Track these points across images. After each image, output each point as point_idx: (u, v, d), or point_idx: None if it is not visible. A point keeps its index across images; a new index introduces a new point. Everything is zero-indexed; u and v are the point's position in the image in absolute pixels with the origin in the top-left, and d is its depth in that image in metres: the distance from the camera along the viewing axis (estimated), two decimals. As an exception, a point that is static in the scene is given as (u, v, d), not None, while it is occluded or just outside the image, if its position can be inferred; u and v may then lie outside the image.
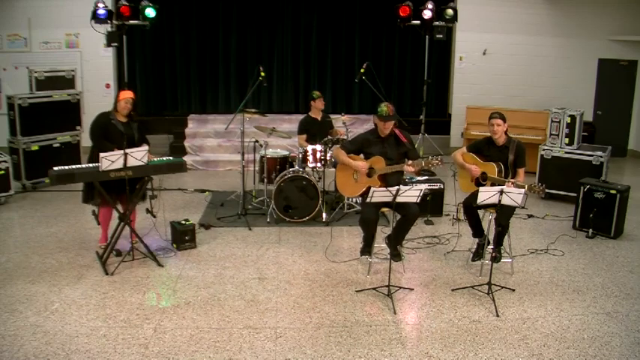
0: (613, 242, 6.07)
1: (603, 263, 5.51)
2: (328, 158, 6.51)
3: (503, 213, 4.78)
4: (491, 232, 5.11)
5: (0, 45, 9.55)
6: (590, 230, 6.19)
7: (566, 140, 7.48)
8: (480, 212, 5.26)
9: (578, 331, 4.19)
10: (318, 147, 6.49)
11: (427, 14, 9.05)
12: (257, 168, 6.98)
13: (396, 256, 5.08)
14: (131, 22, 8.43)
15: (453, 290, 4.82)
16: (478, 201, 4.52)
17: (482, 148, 5.25)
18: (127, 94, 5.29)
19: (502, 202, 4.50)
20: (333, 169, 6.92)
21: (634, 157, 10.64)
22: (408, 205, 4.76)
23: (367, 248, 5.23)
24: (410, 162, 5.00)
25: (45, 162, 7.09)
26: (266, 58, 10.41)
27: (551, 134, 7.60)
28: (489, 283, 4.68)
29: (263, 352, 3.85)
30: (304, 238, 6.01)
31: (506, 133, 5.16)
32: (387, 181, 5.06)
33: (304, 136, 7.02)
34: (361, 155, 5.23)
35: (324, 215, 6.52)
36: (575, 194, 6.53)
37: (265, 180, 6.72)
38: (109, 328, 4.08)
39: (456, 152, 5.41)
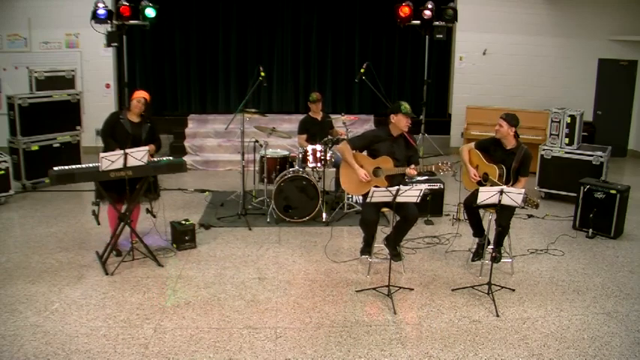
0: (613, 242, 6.07)
1: (603, 263, 5.51)
2: (328, 158, 6.51)
3: (504, 213, 4.78)
4: (491, 232, 5.11)
5: (0, 45, 9.56)
6: (590, 230, 6.19)
7: (566, 140, 7.48)
8: (481, 212, 5.26)
9: (578, 331, 4.19)
10: (318, 147, 6.48)
11: (427, 14, 9.06)
12: (257, 168, 6.98)
13: (395, 256, 5.08)
14: (131, 22, 8.43)
15: (453, 290, 4.82)
16: (478, 201, 4.52)
17: (489, 147, 5.22)
18: (140, 94, 5.32)
19: (502, 202, 4.50)
20: (334, 169, 6.97)
21: (634, 157, 10.64)
22: (407, 206, 4.76)
23: (367, 248, 5.23)
24: (413, 166, 4.98)
25: (45, 162, 7.09)
26: (266, 58, 10.41)
27: (551, 134, 7.60)
28: (489, 283, 4.68)
29: (263, 352, 3.86)
30: (304, 238, 6.01)
31: (516, 138, 5.12)
32: (391, 181, 5.06)
33: (304, 136, 7.02)
34: (364, 152, 5.22)
35: (324, 215, 6.51)
36: (575, 194, 6.53)
37: (265, 180, 6.72)
38: (109, 328, 4.08)
39: (464, 147, 5.38)
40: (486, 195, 4.48)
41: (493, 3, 10.23)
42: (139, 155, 4.88)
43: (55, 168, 4.80)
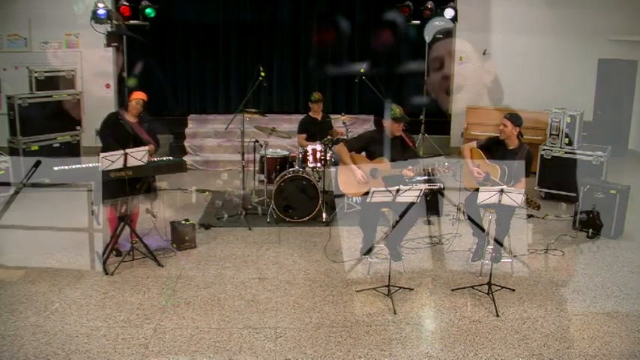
0: (613, 242, 6.07)
1: (603, 263, 5.51)
2: (328, 158, 6.50)
3: (504, 213, 4.78)
4: (491, 232, 5.11)
5: (0, 45, 9.56)
6: (590, 230, 6.19)
7: (566, 140, 7.48)
8: (481, 212, 5.25)
9: (578, 331, 4.19)
10: (318, 147, 6.48)
11: (427, 14, 9.06)
12: (257, 168, 6.98)
13: (395, 256, 5.08)
14: (131, 22, 8.43)
15: (453, 290, 4.82)
16: (478, 201, 4.52)
17: (492, 147, 5.21)
18: (138, 95, 5.33)
19: (502, 202, 4.50)
20: (333, 169, 6.96)
21: (634, 157, 10.63)
22: (407, 205, 4.76)
23: (367, 248, 5.23)
24: (410, 167, 4.98)
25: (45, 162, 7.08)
26: (266, 58, 10.40)
27: (551, 134, 7.60)
28: (489, 283, 4.68)
29: (263, 352, 3.86)
30: (304, 238, 6.01)
31: (519, 138, 5.11)
32: (389, 182, 5.05)
33: (304, 136, 7.02)
34: (363, 153, 5.22)
35: (324, 215, 6.51)
36: (575, 194, 6.53)
37: (265, 180, 6.71)
38: (109, 328, 4.09)
39: (466, 145, 5.38)
40: (486, 195, 4.48)
41: (493, 3, 10.21)
42: (138, 155, 4.88)
43: (56, 168, 4.81)
